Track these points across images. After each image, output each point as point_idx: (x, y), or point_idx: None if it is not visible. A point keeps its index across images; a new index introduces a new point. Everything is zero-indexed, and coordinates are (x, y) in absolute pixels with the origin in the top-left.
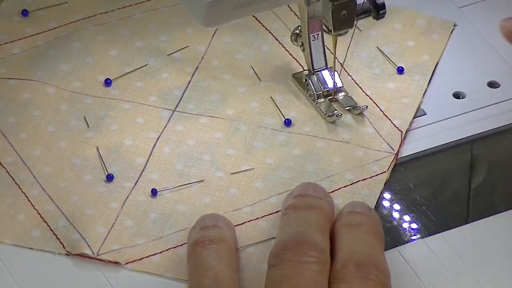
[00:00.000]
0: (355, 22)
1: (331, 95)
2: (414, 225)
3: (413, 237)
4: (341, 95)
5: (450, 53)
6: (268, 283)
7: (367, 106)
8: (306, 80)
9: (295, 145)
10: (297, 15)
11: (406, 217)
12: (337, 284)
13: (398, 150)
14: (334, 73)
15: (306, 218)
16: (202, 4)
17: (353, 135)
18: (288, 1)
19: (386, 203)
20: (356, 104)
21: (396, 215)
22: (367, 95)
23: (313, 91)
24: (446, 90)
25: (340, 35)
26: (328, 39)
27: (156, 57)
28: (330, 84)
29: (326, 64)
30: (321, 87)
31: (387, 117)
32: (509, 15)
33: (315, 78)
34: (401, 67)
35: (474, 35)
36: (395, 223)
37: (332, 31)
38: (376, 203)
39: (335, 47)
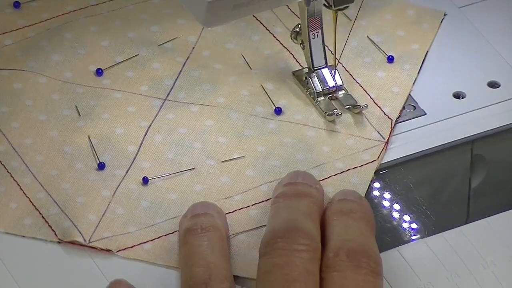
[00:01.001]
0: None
1: (331, 93)
2: (414, 225)
3: (413, 237)
4: (341, 93)
5: (450, 52)
6: (260, 272)
7: (367, 105)
8: (306, 78)
9: (285, 134)
10: (288, 6)
11: (406, 217)
12: (329, 272)
13: (388, 139)
14: (334, 72)
15: (296, 206)
16: (202, 4)
17: (343, 123)
18: (288, 1)
19: (386, 203)
20: (356, 102)
21: (396, 215)
22: (357, 83)
23: (313, 89)
24: (446, 90)
25: (341, 9)
26: (328, 34)
27: (148, 47)
28: (330, 83)
29: (326, 62)
30: (321, 85)
31: (377, 105)
32: (509, 15)
33: (315, 77)
34: (391, 56)
35: (474, 35)
36: (395, 223)
37: (333, 6)
38: (376, 202)
39: (336, 23)
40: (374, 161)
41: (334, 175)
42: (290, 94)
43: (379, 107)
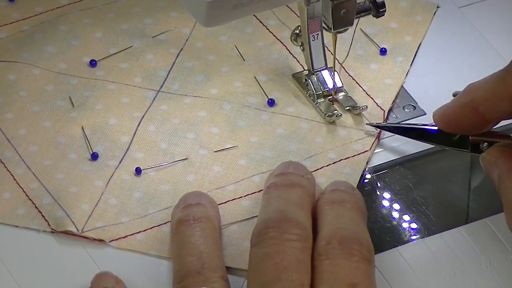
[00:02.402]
0: (355, 21)
1: (331, 95)
2: (413, 225)
3: (413, 237)
4: (340, 95)
5: (449, 52)
6: (251, 262)
7: (366, 106)
8: (306, 80)
9: (278, 125)
10: (292, 10)
11: (406, 217)
12: (321, 260)
13: (381, 130)
14: (334, 73)
15: (288, 196)
16: (202, 4)
17: None
18: (288, 1)
19: (386, 203)
20: (356, 104)
21: (396, 215)
22: (350, 76)
23: (312, 91)
24: (446, 90)
25: (340, 32)
26: (328, 36)
27: (141, 39)
28: (330, 84)
29: (326, 64)
30: (321, 87)
31: (370, 96)
32: (509, 15)
33: (315, 78)
34: (384, 48)
35: (474, 35)
36: (394, 223)
37: (332, 29)
38: (376, 202)
39: (335, 45)
40: (366, 151)
41: (327, 165)
42: (283, 86)
43: (372, 98)
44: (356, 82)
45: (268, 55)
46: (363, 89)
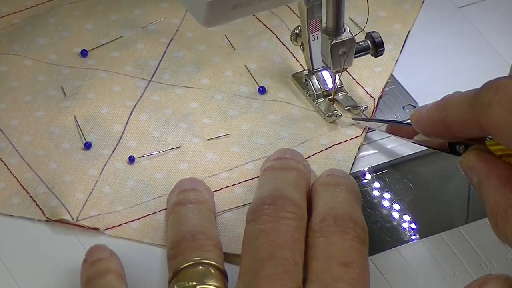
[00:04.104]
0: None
1: (331, 95)
2: (413, 225)
3: (413, 237)
4: (341, 95)
5: (449, 52)
6: (246, 238)
7: (367, 106)
8: (306, 80)
9: (270, 112)
10: (296, 13)
11: (406, 217)
12: (315, 237)
13: (371, 116)
14: (334, 75)
15: (284, 177)
16: (202, 4)
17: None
18: (288, 1)
19: (386, 203)
20: (356, 104)
21: (396, 215)
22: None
23: (313, 91)
24: (446, 90)
25: (339, 72)
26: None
27: (131, 29)
28: (330, 84)
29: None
30: (321, 87)
31: (359, 84)
32: (509, 15)
33: (315, 78)
34: None
35: (473, 35)
36: (395, 223)
37: (331, 69)
38: (376, 202)
39: (334, 82)
40: (358, 136)
41: (319, 152)
42: (274, 73)
43: (361, 86)
44: (346, 71)
45: (257, 43)
46: (352, 78)
